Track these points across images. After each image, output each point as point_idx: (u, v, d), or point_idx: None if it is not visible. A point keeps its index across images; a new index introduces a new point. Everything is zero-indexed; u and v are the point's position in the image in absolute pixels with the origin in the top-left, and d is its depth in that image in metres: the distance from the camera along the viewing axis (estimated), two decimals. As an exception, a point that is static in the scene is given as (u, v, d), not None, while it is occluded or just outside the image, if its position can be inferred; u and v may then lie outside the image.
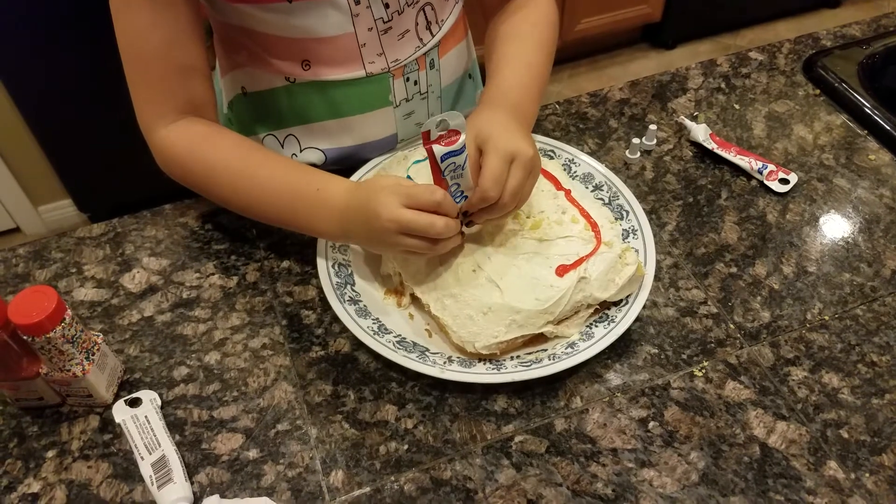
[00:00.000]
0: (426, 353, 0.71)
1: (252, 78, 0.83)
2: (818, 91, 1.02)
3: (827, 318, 0.77)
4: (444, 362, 0.70)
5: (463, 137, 0.65)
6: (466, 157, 0.66)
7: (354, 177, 0.85)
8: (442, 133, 0.65)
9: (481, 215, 0.70)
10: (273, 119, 0.86)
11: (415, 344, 0.72)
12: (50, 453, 0.68)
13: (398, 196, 0.65)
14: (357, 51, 0.78)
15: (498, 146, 0.68)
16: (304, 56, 0.78)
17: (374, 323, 0.73)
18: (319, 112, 0.84)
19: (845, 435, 0.68)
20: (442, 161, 0.65)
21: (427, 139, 0.65)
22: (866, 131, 0.96)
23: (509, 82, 0.79)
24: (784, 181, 0.89)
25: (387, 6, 0.76)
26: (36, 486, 0.66)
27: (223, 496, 0.64)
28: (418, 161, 0.84)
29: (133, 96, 0.74)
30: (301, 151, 0.87)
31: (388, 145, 0.88)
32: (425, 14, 0.81)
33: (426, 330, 0.74)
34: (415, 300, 0.75)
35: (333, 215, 0.71)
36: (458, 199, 0.68)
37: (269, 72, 0.81)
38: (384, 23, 0.77)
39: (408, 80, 0.84)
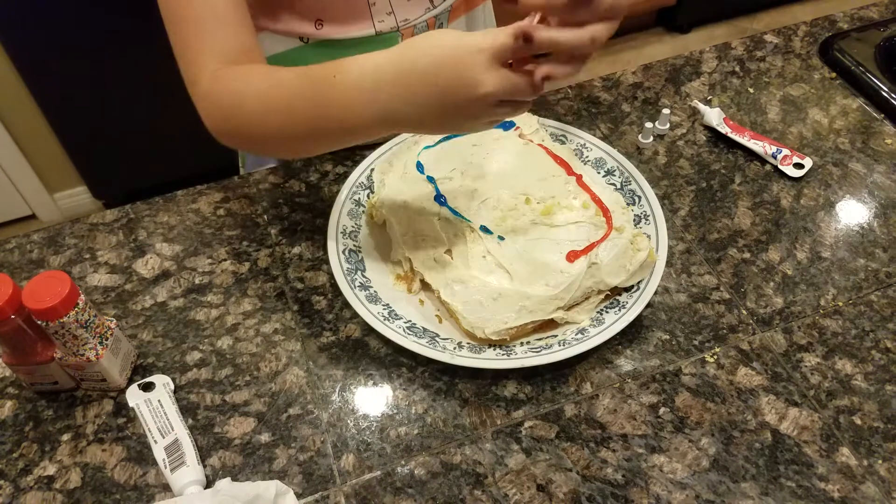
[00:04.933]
0: (436, 338, 0.71)
1: (267, 41, 0.83)
2: (834, 74, 1.00)
3: (841, 303, 0.76)
4: (454, 348, 0.70)
5: None
6: None
7: (365, 163, 0.85)
8: None
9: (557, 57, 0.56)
10: None
11: (425, 329, 0.72)
12: (65, 437, 0.69)
13: (489, 56, 0.53)
14: (367, 9, 0.79)
15: None
16: (318, 14, 0.79)
17: (384, 309, 0.73)
18: None
19: (858, 421, 0.68)
20: None
21: None
22: (883, 115, 0.94)
23: None
24: (799, 166, 0.88)
25: None
26: (51, 469, 0.67)
27: (235, 479, 0.65)
28: (428, 147, 0.83)
29: (174, 48, 0.70)
30: None
31: None
32: None
33: (436, 316, 0.74)
34: (425, 286, 0.76)
35: (365, 96, 0.59)
36: None
37: (283, 33, 0.82)
38: None
39: None
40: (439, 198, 0.77)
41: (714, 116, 0.92)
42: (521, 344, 0.71)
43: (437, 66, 0.55)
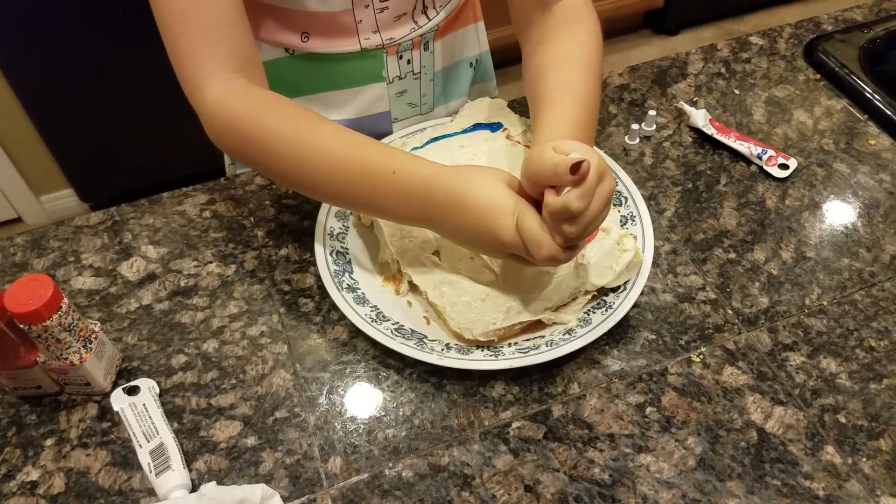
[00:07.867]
0: (424, 340, 0.71)
1: None
2: (819, 76, 1.01)
3: (825, 303, 0.77)
4: (442, 349, 0.70)
5: None
6: None
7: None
8: None
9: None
10: (273, 90, 0.85)
11: (413, 331, 0.72)
12: (48, 441, 0.68)
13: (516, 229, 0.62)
14: (354, 27, 0.80)
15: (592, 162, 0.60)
16: (304, 28, 0.80)
17: (372, 310, 0.72)
18: (316, 84, 0.85)
19: (843, 420, 0.68)
20: None
21: None
22: (867, 116, 0.95)
23: (566, 121, 0.70)
24: (783, 166, 0.89)
25: None
26: (35, 474, 0.66)
27: (221, 483, 0.64)
28: (416, 148, 0.83)
29: (173, 55, 0.68)
30: None
31: (383, 122, 0.89)
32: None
33: (424, 317, 0.74)
34: (413, 287, 0.75)
35: (415, 203, 0.66)
36: None
37: (269, 43, 0.82)
38: (381, 2, 0.79)
39: (401, 58, 0.85)
40: (426, 199, 0.77)
41: (700, 118, 0.92)
42: (509, 345, 0.71)
43: (475, 214, 0.63)
